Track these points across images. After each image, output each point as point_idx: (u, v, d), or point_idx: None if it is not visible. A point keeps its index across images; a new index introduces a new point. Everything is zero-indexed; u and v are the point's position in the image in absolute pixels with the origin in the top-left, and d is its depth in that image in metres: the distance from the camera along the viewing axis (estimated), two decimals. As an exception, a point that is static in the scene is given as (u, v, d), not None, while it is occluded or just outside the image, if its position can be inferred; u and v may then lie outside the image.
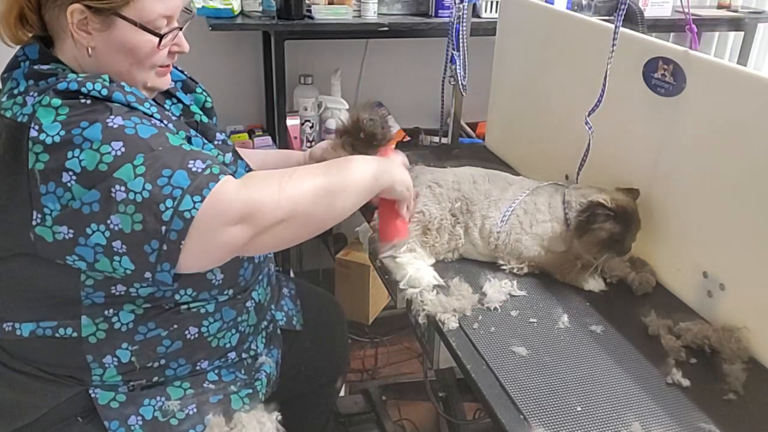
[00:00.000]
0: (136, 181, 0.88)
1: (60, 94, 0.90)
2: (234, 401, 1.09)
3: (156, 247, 0.89)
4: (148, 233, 0.89)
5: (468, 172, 1.29)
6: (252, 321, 1.16)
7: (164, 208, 0.88)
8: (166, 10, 0.98)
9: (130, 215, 0.88)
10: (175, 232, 0.89)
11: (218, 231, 0.91)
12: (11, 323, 1.01)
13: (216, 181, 0.91)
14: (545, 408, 0.90)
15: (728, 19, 2.52)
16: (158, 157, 0.90)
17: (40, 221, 0.89)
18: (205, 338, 1.08)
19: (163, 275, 0.92)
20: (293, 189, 0.95)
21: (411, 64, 2.55)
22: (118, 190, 0.88)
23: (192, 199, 0.89)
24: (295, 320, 1.36)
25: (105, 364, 1.01)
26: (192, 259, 0.92)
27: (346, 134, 1.26)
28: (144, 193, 0.88)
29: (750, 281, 1.02)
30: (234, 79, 2.41)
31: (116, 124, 0.90)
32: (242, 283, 1.12)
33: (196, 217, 0.89)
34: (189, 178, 0.90)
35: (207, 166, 0.93)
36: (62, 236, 0.89)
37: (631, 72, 1.19)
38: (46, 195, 0.88)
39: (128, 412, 1.02)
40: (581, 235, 1.15)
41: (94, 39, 0.96)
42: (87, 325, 0.99)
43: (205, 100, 1.20)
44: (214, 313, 1.08)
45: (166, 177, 0.89)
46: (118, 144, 0.89)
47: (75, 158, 0.88)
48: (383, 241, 1.19)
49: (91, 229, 0.88)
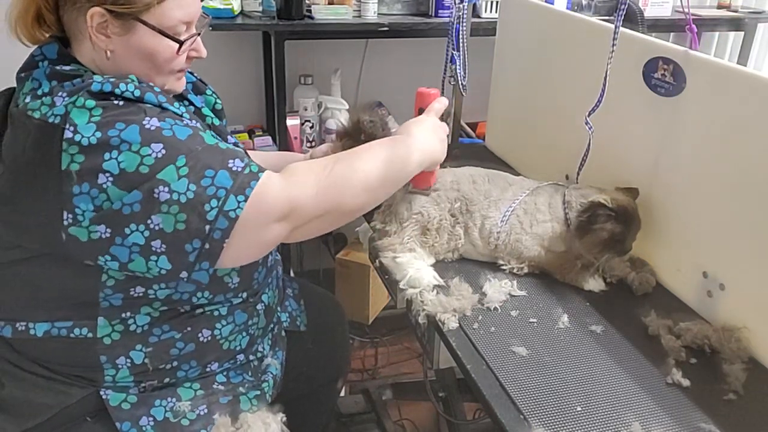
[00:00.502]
0: (180, 182, 0.89)
1: (93, 95, 0.90)
2: (243, 402, 1.10)
3: (198, 246, 0.91)
4: (190, 233, 0.90)
5: (467, 172, 1.29)
6: (261, 324, 1.16)
7: (209, 207, 0.90)
8: (185, 16, 0.99)
9: (173, 215, 0.89)
10: (219, 231, 0.90)
11: (262, 228, 0.94)
12: (24, 323, 1.01)
13: (257, 180, 0.93)
14: (545, 408, 0.90)
15: (728, 19, 2.52)
16: (199, 157, 0.91)
17: (72, 221, 0.89)
18: (217, 341, 1.08)
19: (200, 274, 0.93)
20: (330, 183, 0.98)
21: (411, 64, 2.54)
22: (162, 191, 0.88)
23: (236, 198, 0.91)
24: (299, 321, 1.36)
25: (118, 365, 1.02)
26: (233, 256, 0.94)
27: (346, 137, 1.26)
28: (189, 194, 0.89)
29: (750, 281, 1.02)
30: (234, 79, 2.41)
31: (153, 126, 0.90)
32: (255, 285, 1.13)
33: (241, 216, 0.91)
34: (231, 177, 0.92)
35: (246, 165, 0.94)
36: (98, 235, 0.89)
37: (631, 72, 1.19)
38: (78, 195, 0.88)
39: (140, 413, 1.02)
40: (582, 235, 1.15)
41: (113, 42, 0.96)
42: (103, 326, 1.00)
43: (216, 102, 1.21)
44: (227, 316, 1.08)
45: (209, 177, 0.91)
46: (158, 146, 0.89)
47: (113, 160, 0.88)
48: (416, 187, 1.20)
49: (129, 229, 0.89)
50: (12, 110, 0.96)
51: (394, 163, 1.04)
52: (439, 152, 1.13)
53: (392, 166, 1.04)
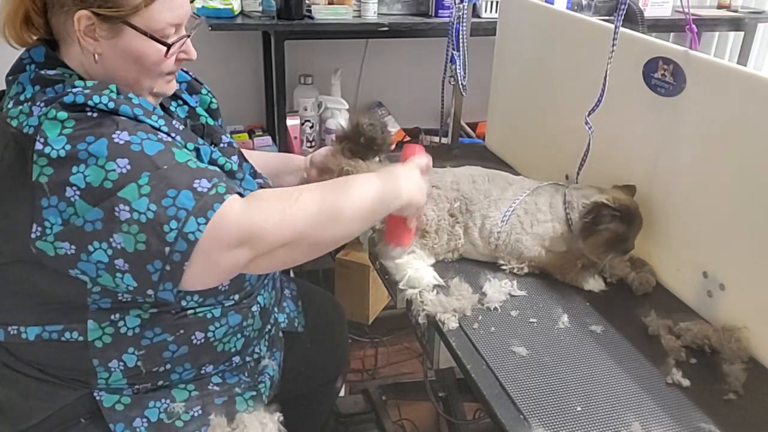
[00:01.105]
0: (140, 201, 0.87)
1: (66, 107, 0.89)
2: (239, 403, 1.09)
3: (159, 267, 0.89)
4: (151, 253, 0.88)
5: (467, 172, 1.29)
6: (257, 325, 1.16)
7: (168, 229, 0.87)
8: (174, 19, 0.97)
9: (133, 235, 0.87)
10: (179, 253, 0.88)
11: (220, 253, 0.90)
12: (16, 327, 1.00)
13: (221, 202, 0.90)
14: (545, 408, 0.90)
15: (728, 19, 2.53)
16: (163, 176, 0.89)
17: (40, 234, 0.88)
18: (210, 343, 1.07)
19: (166, 293, 0.91)
20: (296, 214, 0.94)
21: (411, 64, 2.55)
22: (122, 210, 0.87)
23: (197, 221, 0.88)
24: (296, 322, 1.36)
25: (111, 368, 1.01)
26: (194, 279, 0.91)
27: (345, 140, 1.26)
28: (148, 214, 0.87)
29: (750, 281, 1.02)
30: (234, 79, 2.41)
31: (122, 140, 0.89)
32: (248, 287, 1.12)
33: (200, 239, 0.88)
34: (194, 198, 0.89)
35: (213, 185, 0.91)
36: (64, 252, 0.88)
37: (631, 72, 1.19)
38: (48, 208, 0.87)
39: (133, 414, 1.02)
40: (587, 236, 1.15)
41: (101, 46, 0.95)
42: (93, 329, 0.99)
43: (211, 101, 1.20)
44: (220, 318, 1.07)
45: (170, 197, 0.88)
46: (123, 161, 0.88)
47: (80, 173, 0.87)
48: (387, 244, 1.16)
49: (93, 247, 0.88)
50: None
51: (371, 197, 1.01)
52: (419, 197, 1.09)
53: (368, 199, 1.00)
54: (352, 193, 0.99)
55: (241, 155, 1.18)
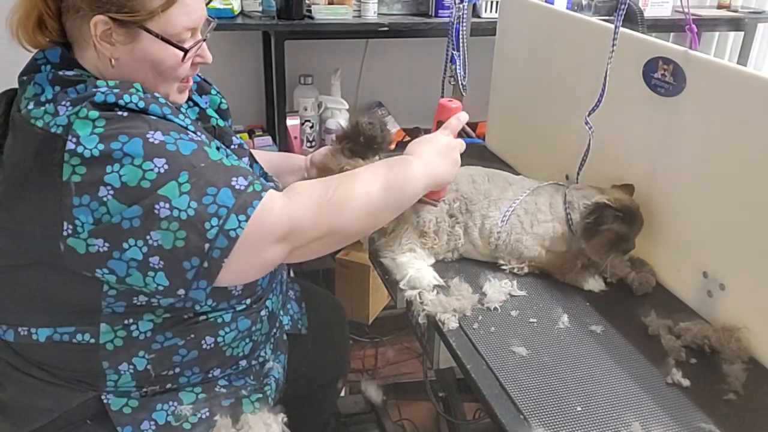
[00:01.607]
0: (181, 198, 0.88)
1: (97, 105, 0.89)
2: (245, 404, 1.09)
3: (196, 264, 0.89)
4: (189, 250, 0.88)
5: (467, 172, 1.29)
6: (264, 329, 1.16)
7: (209, 226, 0.88)
8: (190, 23, 0.97)
9: (173, 232, 0.87)
10: (219, 250, 0.89)
11: (261, 249, 0.93)
12: (27, 328, 1.00)
13: (259, 199, 0.92)
14: (545, 408, 0.90)
15: (728, 19, 2.53)
16: (202, 174, 0.90)
17: (71, 232, 0.88)
18: (220, 348, 1.07)
19: (198, 292, 0.92)
20: (332, 206, 0.96)
21: (411, 64, 2.55)
22: (162, 207, 0.87)
23: (237, 218, 0.89)
24: (300, 324, 1.36)
25: (120, 371, 1.01)
26: (231, 275, 0.93)
27: (345, 139, 1.26)
28: (189, 211, 0.88)
29: (750, 281, 1.02)
30: (234, 79, 2.41)
31: (157, 139, 0.89)
32: (259, 291, 1.12)
33: (241, 236, 0.89)
34: (233, 196, 0.90)
35: (249, 183, 0.93)
36: (96, 249, 0.88)
37: (631, 72, 1.19)
38: (78, 207, 0.87)
39: (141, 417, 1.02)
40: (590, 237, 1.15)
41: (117, 50, 0.95)
42: (106, 332, 0.99)
43: (221, 102, 1.20)
44: (230, 323, 1.07)
45: (211, 195, 0.89)
46: (161, 161, 0.88)
47: (115, 173, 0.87)
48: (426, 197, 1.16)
49: (128, 244, 0.88)
50: (14, 115, 0.95)
51: (398, 187, 1.03)
52: (447, 175, 1.12)
53: (396, 190, 1.03)
54: (385, 183, 1.02)
55: (251, 156, 1.18)
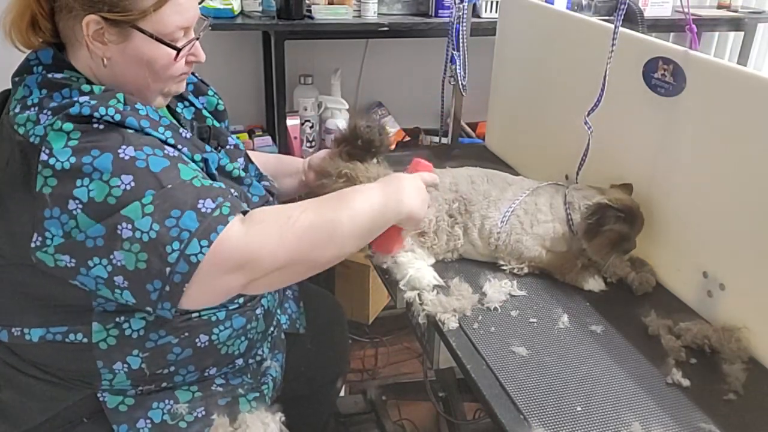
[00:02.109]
0: (143, 220, 0.87)
1: (72, 118, 0.89)
2: (242, 404, 1.09)
3: (159, 287, 0.89)
4: (151, 273, 0.88)
5: (466, 173, 1.29)
6: (260, 328, 1.16)
7: (171, 250, 0.87)
8: (183, 22, 0.97)
9: (134, 253, 0.87)
10: (179, 274, 0.88)
11: (217, 277, 0.91)
12: (20, 328, 1.00)
13: (225, 224, 0.90)
14: (545, 408, 0.90)
15: (728, 19, 2.52)
16: (168, 195, 0.89)
17: (40, 245, 0.88)
18: (215, 346, 1.07)
19: (164, 312, 0.92)
20: (293, 237, 0.93)
21: (411, 64, 2.55)
22: (125, 228, 0.86)
23: (200, 243, 0.88)
24: (298, 323, 1.36)
25: (115, 370, 1.01)
26: (192, 300, 0.92)
27: (343, 142, 1.26)
28: (151, 233, 0.87)
29: (750, 281, 1.02)
30: (234, 79, 2.41)
31: (127, 155, 0.88)
32: None
33: (202, 261, 0.88)
34: (197, 220, 0.89)
35: (217, 206, 0.91)
36: (64, 264, 0.88)
37: (631, 72, 1.19)
38: (50, 219, 0.87)
39: (137, 415, 1.02)
40: (591, 237, 1.15)
41: (109, 50, 0.94)
42: (98, 331, 0.99)
43: (217, 103, 1.19)
44: (225, 320, 1.07)
45: (174, 218, 0.88)
46: (128, 178, 0.87)
47: (84, 187, 0.87)
48: (374, 251, 1.16)
49: (93, 262, 0.88)
50: (3, 117, 0.96)
51: (371, 213, 1.00)
52: (419, 213, 1.08)
53: (368, 216, 1.00)
54: (351, 210, 0.98)
55: (246, 157, 1.18)
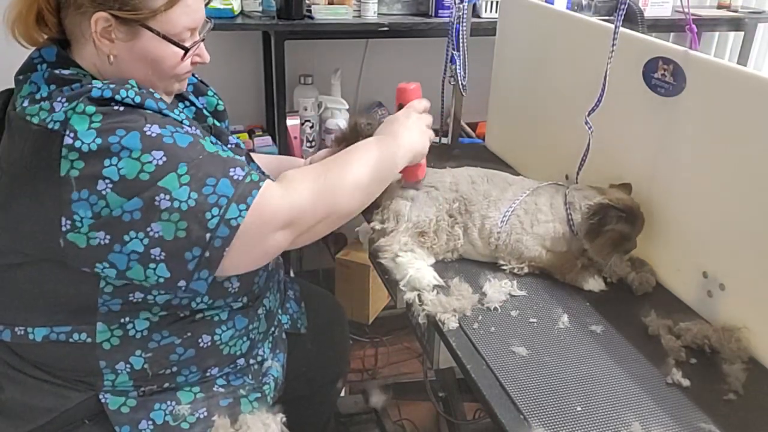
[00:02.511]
0: (181, 190, 0.88)
1: (93, 101, 0.90)
2: (243, 404, 1.09)
3: (198, 254, 0.90)
4: (191, 240, 0.89)
5: (466, 173, 1.29)
6: (262, 328, 1.16)
7: (210, 216, 0.89)
8: (191, 23, 0.98)
9: (174, 223, 0.88)
10: (220, 239, 0.90)
11: (264, 237, 0.94)
12: (23, 327, 1.00)
13: (258, 188, 0.93)
14: (545, 408, 0.90)
15: (728, 19, 2.52)
16: (200, 165, 0.91)
17: (70, 227, 0.88)
18: (217, 346, 1.07)
19: (199, 283, 0.93)
20: (329, 191, 0.99)
21: (411, 64, 2.54)
22: (163, 199, 0.88)
23: (238, 207, 0.91)
24: (299, 323, 1.36)
25: (117, 370, 1.01)
26: (233, 264, 0.94)
27: (344, 141, 1.26)
28: (190, 202, 0.89)
29: (750, 281, 1.02)
30: (234, 79, 2.41)
31: (154, 132, 0.90)
32: (256, 290, 1.12)
33: (242, 224, 0.90)
34: (232, 186, 0.92)
35: (246, 174, 0.94)
36: (98, 242, 0.89)
37: (631, 72, 1.19)
38: (78, 202, 0.88)
39: (139, 416, 1.02)
40: (594, 238, 1.15)
41: (116, 47, 0.95)
42: (102, 331, 0.99)
43: (217, 104, 1.20)
44: (227, 321, 1.08)
45: (210, 186, 0.90)
46: (159, 153, 0.89)
47: (113, 166, 0.87)
48: (408, 181, 1.23)
49: (129, 236, 0.88)
50: (9, 113, 0.95)
51: (381, 162, 1.08)
52: (421, 146, 1.17)
53: (380, 165, 1.07)
54: (365, 161, 1.06)
55: (248, 156, 1.19)
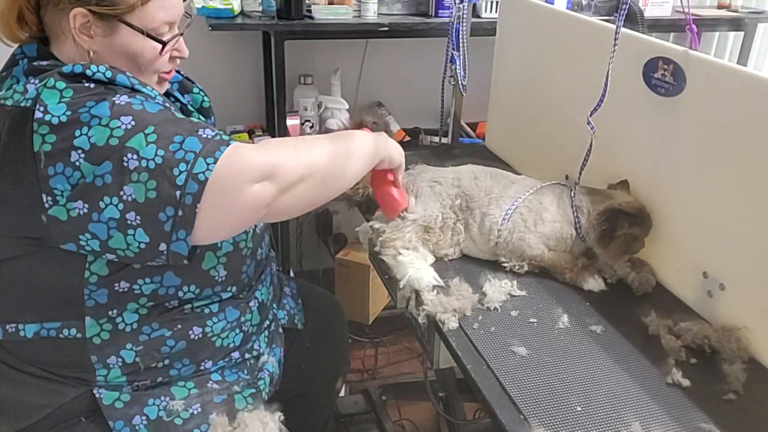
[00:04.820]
0: (148, 148, 0.88)
1: (65, 76, 0.91)
2: (238, 401, 1.09)
3: (171, 213, 0.89)
4: (162, 199, 0.88)
5: (469, 169, 1.29)
6: (255, 321, 1.16)
7: (178, 172, 0.88)
8: (168, 17, 0.99)
9: (143, 183, 0.88)
10: (190, 195, 0.89)
11: (239, 190, 0.91)
12: (14, 324, 1.01)
13: (227, 145, 0.92)
14: (545, 408, 0.90)
15: (728, 19, 2.52)
16: (168, 125, 0.91)
17: (51, 203, 0.89)
18: (209, 338, 1.08)
19: (179, 245, 0.91)
20: (307, 150, 0.99)
21: (411, 64, 2.54)
22: (131, 159, 0.88)
23: (205, 161, 0.89)
24: (296, 319, 1.36)
25: (109, 364, 1.02)
26: (210, 225, 0.92)
27: None
28: (157, 159, 0.88)
29: (750, 281, 1.02)
30: (234, 79, 2.41)
31: (123, 101, 0.91)
32: (245, 279, 1.12)
33: (210, 178, 0.89)
34: (201, 142, 0.91)
35: (216, 134, 0.94)
36: (77, 212, 0.89)
37: (631, 72, 1.19)
38: (54, 176, 0.88)
39: (133, 411, 1.02)
40: (607, 243, 1.16)
41: (95, 43, 0.96)
42: (91, 325, 1.00)
43: (203, 100, 1.21)
44: (218, 312, 1.08)
45: (177, 143, 0.90)
46: (127, 118, 0.89)
47: (83, 135, 0.88)
48: (390, 216, 1.22)
49: (104, 203, 0.88)
50: None
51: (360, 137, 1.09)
52: (399, 153, 1.18)
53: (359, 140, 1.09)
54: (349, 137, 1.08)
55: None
